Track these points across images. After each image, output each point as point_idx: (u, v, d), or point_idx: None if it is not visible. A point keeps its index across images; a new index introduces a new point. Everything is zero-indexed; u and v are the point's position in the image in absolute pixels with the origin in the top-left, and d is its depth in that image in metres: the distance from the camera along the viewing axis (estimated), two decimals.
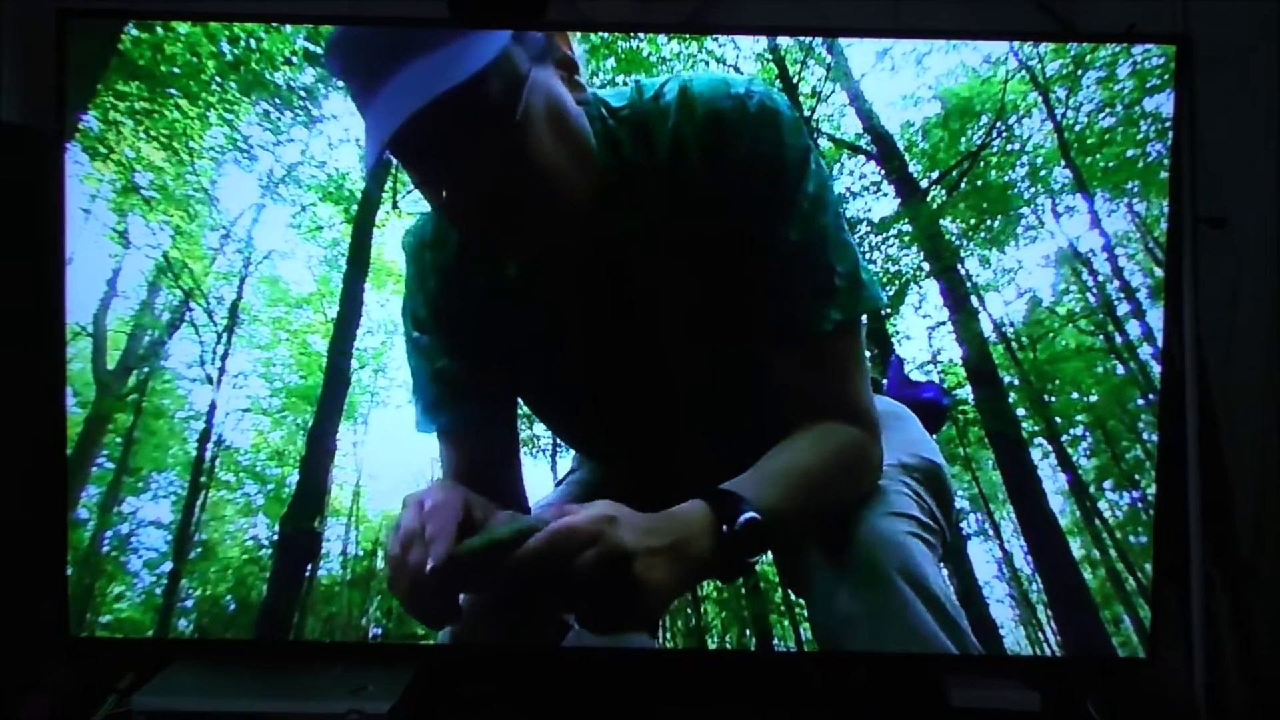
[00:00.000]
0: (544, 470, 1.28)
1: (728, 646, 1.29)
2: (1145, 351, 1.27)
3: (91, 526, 1.28)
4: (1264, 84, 1.36)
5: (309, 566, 1.28)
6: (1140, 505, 1.28)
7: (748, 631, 1.28)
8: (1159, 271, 1.26)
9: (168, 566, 1.29)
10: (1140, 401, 1.29)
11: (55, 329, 1.24)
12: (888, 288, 1.31)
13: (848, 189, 1.30)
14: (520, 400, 1.13)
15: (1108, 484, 1.30)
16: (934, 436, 1.19)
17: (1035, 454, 1.30)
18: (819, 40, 1.27)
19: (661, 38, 1.27)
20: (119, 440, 1.30)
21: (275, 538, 1.30)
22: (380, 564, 1.11)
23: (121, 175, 1.28)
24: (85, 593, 1.27)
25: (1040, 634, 1.28)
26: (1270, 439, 1.36)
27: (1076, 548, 1.29)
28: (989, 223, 1.29)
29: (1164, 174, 1.23)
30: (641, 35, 1.27)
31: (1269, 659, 1.28)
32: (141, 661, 1.29)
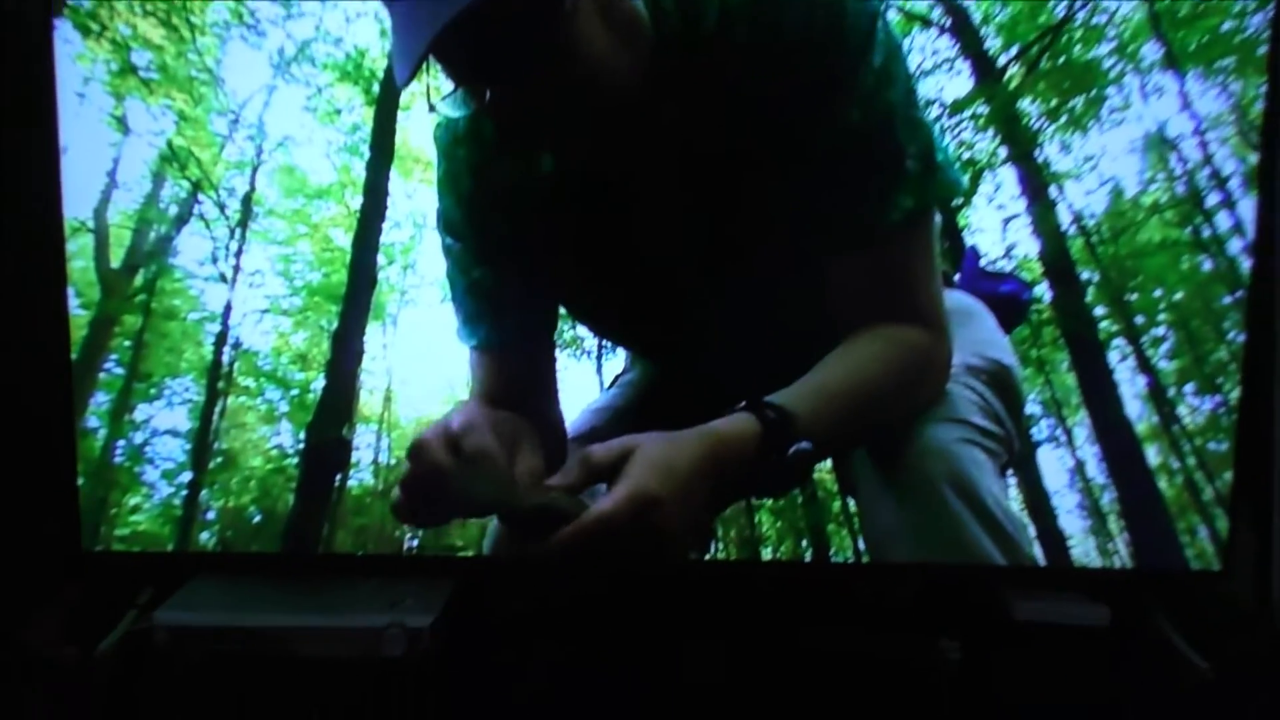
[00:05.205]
0: (589, 373, 1.20)
1: (781, 558, 1.23)
2: (1234, 245, 1.19)
3: (102, 435, 1.20)
4: None
5: (338, 476, 1.21)
6: (1222, 410, 1.21)
7: (804, 542, 1.22)
8: (1253, 158, 1.16)
9: (187, 477, 1.21)
10: (1227, 299, 1.20)
11: (53, 224, 1.14)
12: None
13: (918, 67, 1.19)
14: (561, 306, 1.04)
15: (1189, 388, 1.23)
16: (1008, 335, 1.11)
17: (1113, 356, 1.23)
18: None
19: None
20: (128, 344, 1.21)
21: (301, 446, 1.22)
22: None
23: (117, 55, 1.16)
24: (98, 505, 1.20)
25: (1111, 545, 1.22)
26: None
27: (1153, 455, 1.22)
28: (1071, 104, 1.19)
29: (1263, 49, 1.13)
30: None
31: None
32: (159, 576, 1.23)
